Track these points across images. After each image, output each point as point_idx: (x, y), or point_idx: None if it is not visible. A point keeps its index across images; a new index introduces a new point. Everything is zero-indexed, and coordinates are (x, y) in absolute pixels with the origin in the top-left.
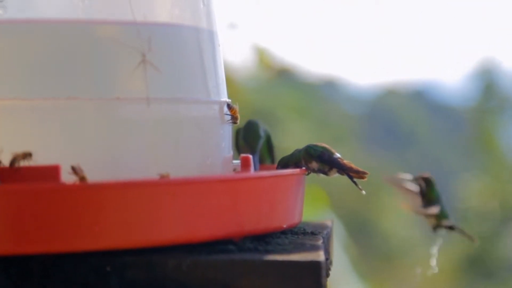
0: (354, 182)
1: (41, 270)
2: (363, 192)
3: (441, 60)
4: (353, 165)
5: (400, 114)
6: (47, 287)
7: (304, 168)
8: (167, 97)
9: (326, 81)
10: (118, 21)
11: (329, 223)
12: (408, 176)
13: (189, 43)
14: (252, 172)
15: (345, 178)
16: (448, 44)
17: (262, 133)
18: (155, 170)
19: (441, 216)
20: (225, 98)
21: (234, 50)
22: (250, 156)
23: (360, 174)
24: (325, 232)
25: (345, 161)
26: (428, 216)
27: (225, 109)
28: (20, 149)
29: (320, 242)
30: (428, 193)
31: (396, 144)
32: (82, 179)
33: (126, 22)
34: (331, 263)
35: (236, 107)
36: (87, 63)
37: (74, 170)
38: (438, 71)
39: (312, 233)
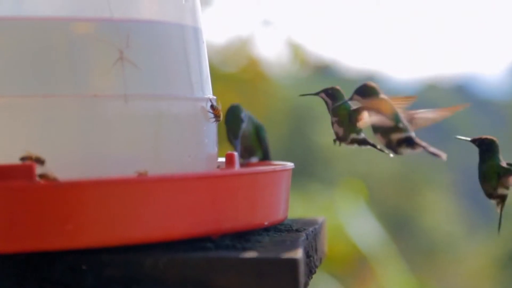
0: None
1: (18, 268)
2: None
3: (482, 54)
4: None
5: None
6: (24, 286)
7: None
8: (146, 93)
9: (366, 76)
10: (95, 18)
11: (320, 219)
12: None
13: (171, 39)
14: (234, 169)
15: (387, 173)
16: (489, 38)
17: (244, 118)
18: (134, 167)
19: None
20: (209, 94)
21: (269, 47)
22: (235, 153)
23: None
24: (311, 229)
25: None
26: None
27: (208, 108)
28: None
29: (301, 239)
30: None
31: (437, 139)
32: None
33: (103, 19)
34: (320, 260)
35: (219, 107)
36: (63, 60)
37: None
38: (479, 65)
39: (297, 230)
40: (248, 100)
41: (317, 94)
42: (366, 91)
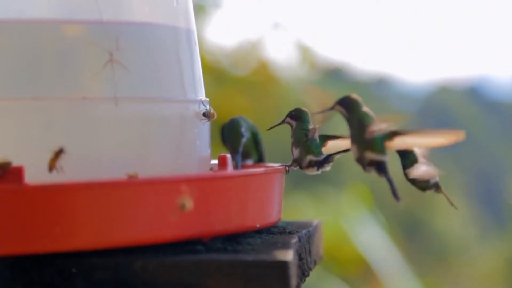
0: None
1: (7, 271)
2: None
3: (495, 56)
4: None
5: (453, 111)
6: None
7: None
8: (137, 96)
9: (378, 79)
10: (84, 20)
11: (315, 222)
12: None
13: (163, 42)
14: (227, 171)
15: (399, 175)
16: (501, 40)
17: (244, 132)
18: (125, 170)
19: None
20: (202, 96)
21: (279, 50)
22: (228, 155)
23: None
24: (304, 231)
25: None
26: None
27: (202, 111)
28: None
29: (293, 241)
30: None
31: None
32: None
33: (93, 21)
34: (314, 262)
35: (212, 109)
36: (53, 62)
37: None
38: (491, 67)
39: (290, 233)
40: (258, 103)
41: (283, 122)
42: (349, 103)
